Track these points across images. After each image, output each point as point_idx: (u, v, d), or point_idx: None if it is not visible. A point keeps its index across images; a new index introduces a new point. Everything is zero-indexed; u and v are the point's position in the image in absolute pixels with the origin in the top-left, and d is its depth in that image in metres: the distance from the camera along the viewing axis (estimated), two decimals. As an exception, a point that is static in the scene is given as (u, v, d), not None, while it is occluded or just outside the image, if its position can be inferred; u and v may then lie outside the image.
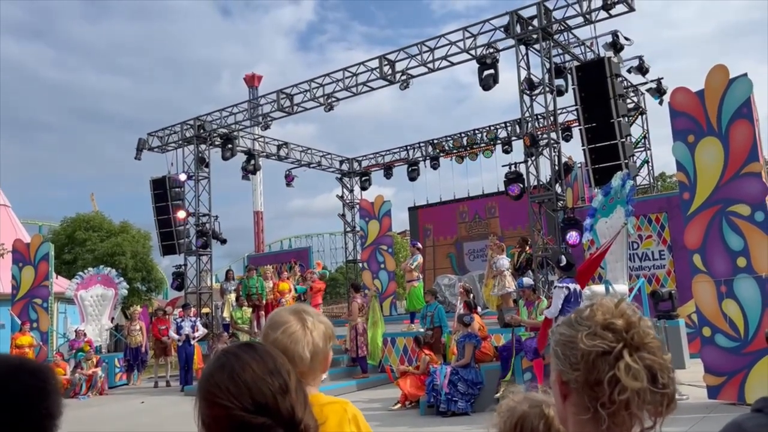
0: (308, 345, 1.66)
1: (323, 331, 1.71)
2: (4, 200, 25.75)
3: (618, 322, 1.07)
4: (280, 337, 1.65)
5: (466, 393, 8.81)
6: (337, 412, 1.71)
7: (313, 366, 1.68)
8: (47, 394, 1.01)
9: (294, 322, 1.68)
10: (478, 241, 21.38)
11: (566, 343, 1.10)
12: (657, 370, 1.04)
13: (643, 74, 16.03)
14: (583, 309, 1.14)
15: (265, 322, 1.76)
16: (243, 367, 1.19)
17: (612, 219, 9.86)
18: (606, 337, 1.05)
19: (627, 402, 1.02)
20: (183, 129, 19.25)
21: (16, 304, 16.56)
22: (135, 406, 12.00)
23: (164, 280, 33.13)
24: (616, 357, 1.03)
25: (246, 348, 1.26)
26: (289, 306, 1.82)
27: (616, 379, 1.02)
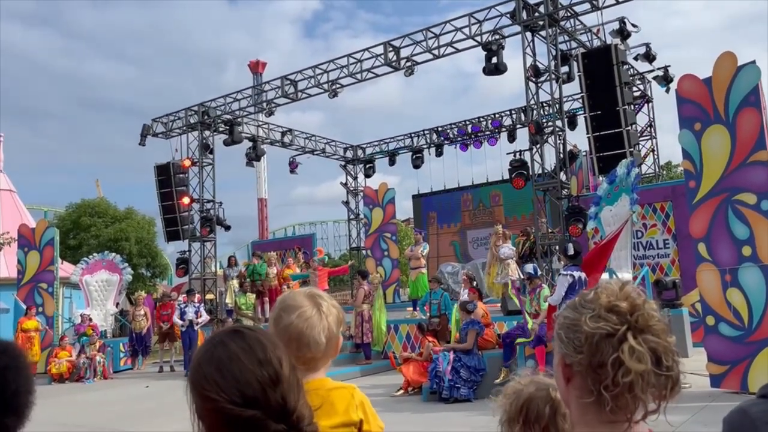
0: (324, 330, 1.63)
1: (336, 315, 1.69)
2: (9, 185, 25.81)
3: (622, 304, 1.06)
4: (296, 321, 1.62)
5: (469, 380, 8.84)
6: (345, 397, 1.70)
7: (326, 351, 1.65)
8: (18, 372, 1.01)
9: (309, 306, 1.65)
10: (482, 229, 21.38)
11: (570, 326, 1.09)
12: (661, 353, 1.03)
13: (650, 61, 15.90)
14: (587, 293, 1.13)
15: (276, 304, 1.73)
16: (230, 358, 1.15)
17: (617, 207, 9.83)
18: (610, 320, 1.05)
19: (631, 384, 1.01)
20: (187, 115, 19.22)
21: (21, 288, 16.64)
22: (139, 391, 12.08)
23: (169, 266, 33.22)
24: (620, 339, 1.03)
25: (234, 336, 1.20)
26: (302, 289, 1.78)
27: (619, 362, 1.01)
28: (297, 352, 1.60)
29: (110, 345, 15.31)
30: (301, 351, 1.61)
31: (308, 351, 1.62)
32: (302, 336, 1.61)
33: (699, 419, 6.30)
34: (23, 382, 1.01)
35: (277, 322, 1.65)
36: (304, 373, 1.62)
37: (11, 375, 0.99)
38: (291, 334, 1.61)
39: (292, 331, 1.62)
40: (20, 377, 1.01)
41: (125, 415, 9.73)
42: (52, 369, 14.12)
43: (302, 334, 1.61)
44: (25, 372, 1.03)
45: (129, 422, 9.00)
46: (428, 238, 22.98)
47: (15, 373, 1.00)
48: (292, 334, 1.61)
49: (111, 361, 14.88)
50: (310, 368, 1.65)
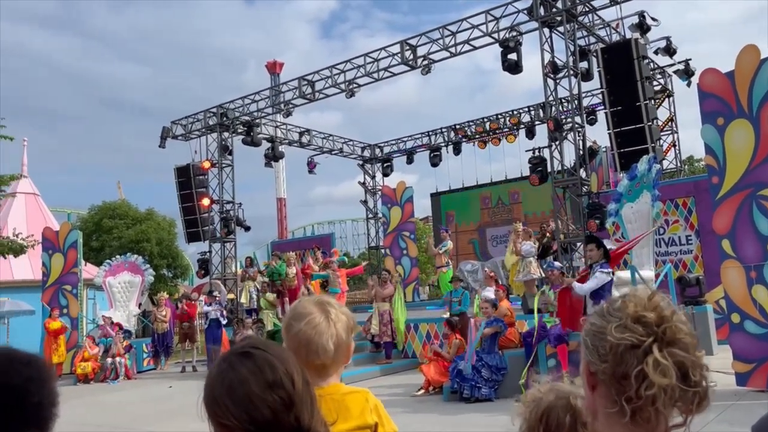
0: (332, 337, 1.65)
1: (345, 322, 1.70)
2: (33, 189, 26.26)
3: (649, 315, 1.04)
4: (305, 329, 1.64)
5: (490, 379, 8.80)
6: (359, 401, 1.71)
7: (336, 358, 1.67)
8: (42, 384, 1.02)
9: (317, 313, 1.67)
10: (501, 227, 21.27)
11: (596, 334, 1.07)
12: (689, 368, 1.01)
13: (671, 55, 15.68)
14: (615, 299, 1.11)
15: (288, 311, 1.76)
16: (240, 382, 1.14)
17: (638, 204, 9.72)
18: (636, 331, 1.03)
19: (653, 398, 0.99)
20: (206, 117, 19.38)
21: (46, 290, 16.91)
22: (162, 391, 12.22)
23: (190, 266, 33.55)
24: (645, 351, 1.01)
25: (243, 358, 1.19)
26: (312, 297, 1.80)
27: (643, 374, 0.99)
28: (307, 359, 1.62)
29: (134, 345, 15.51)
30: (310, 358, 1.63)
31: (317, 358, 1.64)
32: (311, 343, 1.63)
33: (725, 418, 6.21)
34: (47, 395, 1.02)
35: (288, 330, 1.69)
36: (316, 379, 1.63)
37: (35, 387, 1.00)
38: (300, 342, 1.64)
39: (301, 338, 1.64)
40: (44, 389, 1.02)
41: (146, 415, 9.84)
42: (77, 369, 14.34)
43: (311, 341, 1.63)
44: (49, 384, 1.03)
45: (149, 422, 9.11)
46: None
47: (39, 386, 1.01)
48: (301, 342, 1.64)
49: (134, 362, 15.06)
50: (321, 374, 1.67)
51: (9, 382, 0.97)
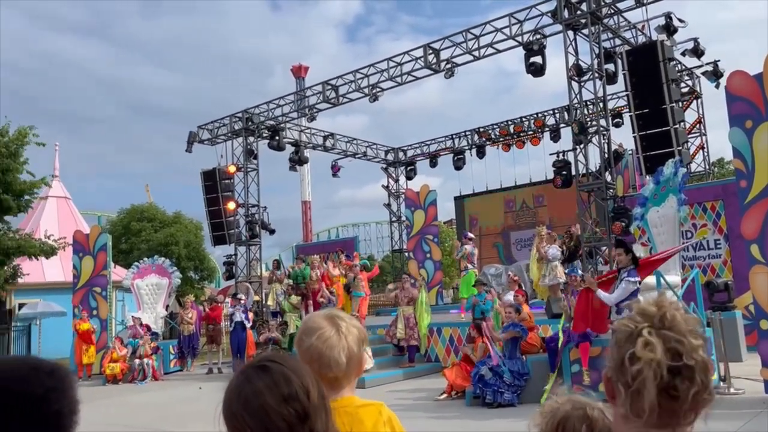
0: (344, 350, 1.67)
1: (356, 335, 1.72)
2: (65, 192, 26.84)
3: (651, 308, 1.09)
4: (315, 343, 1.66)
5: (513, 384, 8.76)
6: (372, 414, 1.72)
7: (348, 370, 1.69)
8: (63, 393, 1.06)
9: (328, 327, 1.69)
10: (525, 231, 21.13)
11: (616, 343, 1.12)
12: (682, 351, 1.04)
13: (698, 57, 15.46)
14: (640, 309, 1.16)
15: (301, 325, 1.78)
16: (256, 395, 1.18)
17: (664, 208, 9.60)
18: (635, 320, 1.09)
19: (644, 379, 1.02)
20: (232, 122, 19.64)
21: (77, 292, 17.27)
22: (188, 392, 12.39)
23: (216, 269, 33.96)
24: (638, 334, 1.06)
25: (260, 372, 1.23)
26: (322, 311, 1.83)
27: (634, 355, 1.04)
28: (319, 372, 1.64)
29: (161, 347, 15.74)
30: (322, 371, 1.65)
31: (329, 371, 1.66)
32: (322, 357, 1.65)
33: (753, 427, 6.10)
34: (67, 403, 1.06)
35: (300, 344, 1.71)
36: (329, 392, 1.65)
37: (55, 396, 1.04)
38: (312, 356, 1.66)
39: (312, 352, 1.66)
40: (64, 399, 1.06)
41: (174, 416, 10.00)
42: (106, 370, 14.61)
43: (322, 354, 1.65)
44: (69, 393, 1.08)
45: (177, 423, 9.25)
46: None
47: (59, 395, 1.05)
48: (313, 356, 1.66)
49: (161, 363, 15.30)
50: (335, 387, 1.69)
51: (32, 392, 1.02)
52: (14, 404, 0.99)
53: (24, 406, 1.00)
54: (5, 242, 16.56)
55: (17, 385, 1.02)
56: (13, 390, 1.01)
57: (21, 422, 0.99)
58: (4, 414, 0.98)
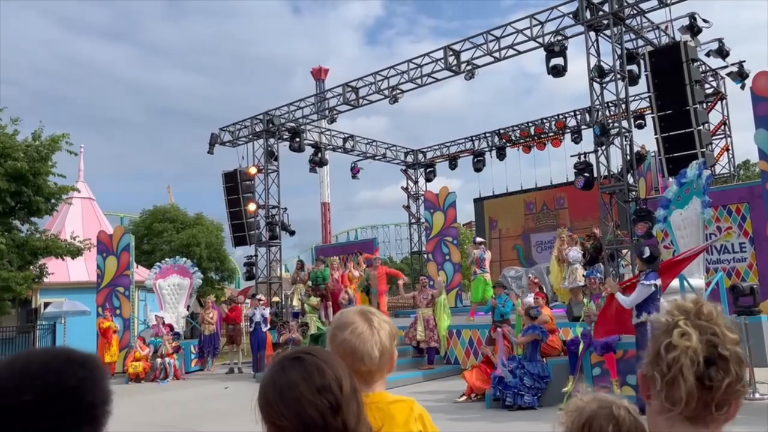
0: (377, 344, 1.69)
1: (389, 330, 1.74)
2: (89, 194, 27.25)
3: (688, 303, 1.12)
4: (349, 338, 1.68)
5: (533, 387, 8.71)
6: (403, 410, 1.73)
7: (381, 365, 1.71)
8: (95, 384, 1.07)
9: (361, 322, 1.71)
10: (546, 233, 20.99)
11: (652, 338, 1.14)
12: (717, 341, 1.06)
13: (723, 57, 15.26)
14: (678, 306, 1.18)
15: (332, 321, 1.80)
16: (290, 386, 1.20)
17: (687, 210, 9.48)
18: (672, 314, 1.11)
19: (681, 366, 1.04)
20: (253, 124, 19.80)
21: (100, 292, 17.53)
22: (210, 391, 12.51)
23: (236, 269, 34.21)
24: (674, 326, 1.09)
25: (294, 363, 1.25)
26: (354, 306, 1.85)
27: (670, 344, 1.07)
28: (352, 367, 1.65)
29: (182, 347, 15.91)
30: (356, 365, 1.67)
31: (362, 365, 1.68)
32: (355, 351, 1.67)
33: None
34: (99, 394, 1.07)
35: (333, 339, 1.73)
36: (362, 387, 1.68)
37: (88, 387, 1.05)
38: (345, 350, 1.68)
39: (345, 346, 1.68)
40: (96, 389, 1.07)
41: (196, 414, 10.11)
42: (128, 369, 14.81)
43: (355, 349, 1.67)
44: (101, 384, 1.09)
45: (199, 422, 9.35)
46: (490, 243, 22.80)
47: (92, 385, 1.06)
48: (346, 350, 1.68)
49: (183, 363, 15.46)
50: (367, 381, 1.71)
51: (65, 383, 1.03)
52: (48, 396, 1.00)
53: (58, 397, 1.01)
54: (33, 243, 16.89)
55: (51, 376, 1.02)
56: (47, 381, 1.02)
57: (55, 414, 1.00)
58: (39, 406, 0.99)
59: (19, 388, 1.00)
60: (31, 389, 1.00)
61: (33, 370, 1.03)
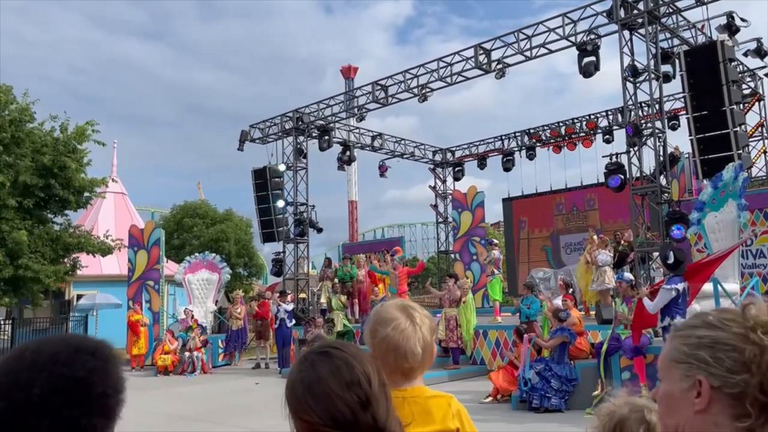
0: (420, 341, 1.66)
1: (429, 325, 1.71)
2: (122, 189, 27.78)
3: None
4: (392, 334, 1.65)
5: (560, 389, 8.61)
6: (441, 406, 1.71)
7: (423, 361, 1.68)
8: (106, 373, 1.03)
9: (403, 318, 1.67)
10: (575, 234, 20.72)
11: (716, 346, 1.01)
12: None
13: (762, 57, 14.89)
14: (723, 311, 1.06)
15: (371, 317, 1.77)
16: (319, 381, 1.19)
17: (722, 213, 9.28)
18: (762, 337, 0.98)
19: None
20: (282, 121, 19.94)
21: (131, 285, 17.86)
22: (237, 385, 12.64)
23: (264, 266, 34.51)
24: None
25: (323, 357, 1.24)
26: (393, 301, 1.81)
27: None
28: (395, 364, 1.64)
29: (210, 341, 16.12)
30: (398, 362, 1.64)
31: (405, 362, 1.65)
32: (399, 348, 1.64)
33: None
34: (111, 384, 1.04)
35: (374, 335, 1.68)
36: (402, 382, 1.66)
37: (98, 377, 1.02)
38: (388, 346, 1.64)
39: (389, 343, 1.64)
40: (108, 378, 1.04)
41: (224, 408, 10.23)
42: (158, 362, 15.06)
43: (398, 345, 1.64)
44: (113, 373, 1.05)
45: (227, 415, 9.46)
46: (518, 243, 22.60)
47: (103, 375, 1.03)
48: (389, 346, 1.64)
49: (210, 357, 15.66)
50: (408, 377, 1.68)
51: (74, 375, 0.99)
52: (57, 388, 0.98)
53: (67, 389, 0.98)
54: (65, 238, 17.23)
55: (59, 368, 0.99)
56: (55, 373, 0.99)
57: (66, 406, 0.97)
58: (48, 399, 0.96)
59: (28, 381, 0.97)
60: (40, 382, 0.97)
61: (41, 363, 1.00)
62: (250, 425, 8.47)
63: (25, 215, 16.06)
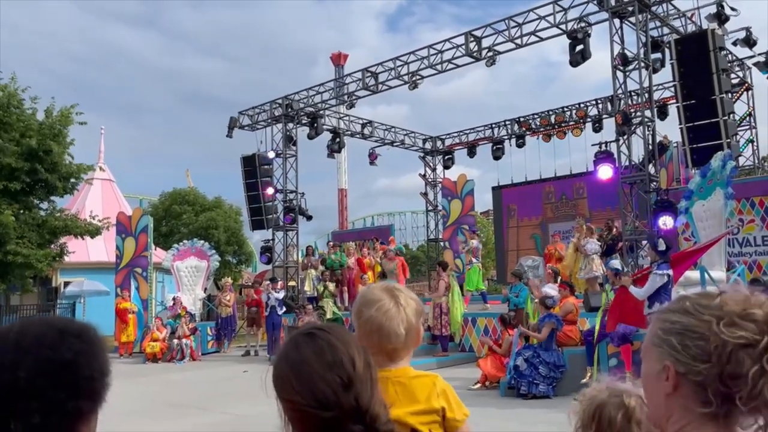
0: (403, 322, 1.67)
1: (414, 307, 1.72)
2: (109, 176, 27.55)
3: (758, 312, 0.98)
4: (375, 315, 1.67)
5: (548, 376, 8.68)
6: (426, 385, 1.72)
7: (407, 342, 1.70)
8: (93, 356, 1.02)
9: (387, 299, 1.69)
10: (564, 222, 20.82)
11: (685, 333, 1.01)
12: None
13: (751, 47, 14.94)
14: (702, 296, 1.05)
15: (357, 298, 1.79)
16: (302, 362, 1.21)
17: (710, 202, 9.34)
18: (747, 328, 0.97)
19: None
20: (272, 108, 19.80)
21: (119, 272, 17.76)
22: (226, 372, 12.64)
23: (254, 253, 34.47)
24: (762, 351, 0.95)
25: (307, 339, 1.25)
26: (379, 283, 1.82)
27: (761, 373, 0.95)
28: (379, 344, 1.66)
29: (199, 328, 16.09)
30: (382, 343, 1.67)
31: (389, 342, 1.67)
32: (382, 328, 1.66)
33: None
34: (98, 367, 1.03)
35: (359, 316, 1.71)
36: (386, 363, 1.68)
37: (85, 360, 1.01)
38: (372, 327, 1.67)
39: (372, 323, 1.67)
40: (95, 362, 1.03)
41: (213, 395, 10.23)
42: (146, 349, 15.01)
43: (382, 326, 1.66)
44: (99, 356, 1.04)
45: (216, 402, 9.46)
46: (507, 231, 22.68)
47: (89, 358, 1.02)
48: (373, 327, 1.67)
49: (199, 344, 15.64)
50: (393, 358, 1.70)
51: (60, 358, 0.98)
52: (43, 371, 0.96)
53: (53, 372, 0.97)
54: (52, 222, 17.09)
55: (45, 350, 0.98)
56: (41, 356, 0.97)
57: (51, 389, 0.96)
58: (33, 382, 0.95)
59: (14, 363, 0.96)
60: (26, 365, 0.96)
61: (26, 345, 0.98)
62: (240, 411, 8.48)
63: (11, 201, 15.90)
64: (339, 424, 1.16)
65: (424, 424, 1.66)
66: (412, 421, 1.64)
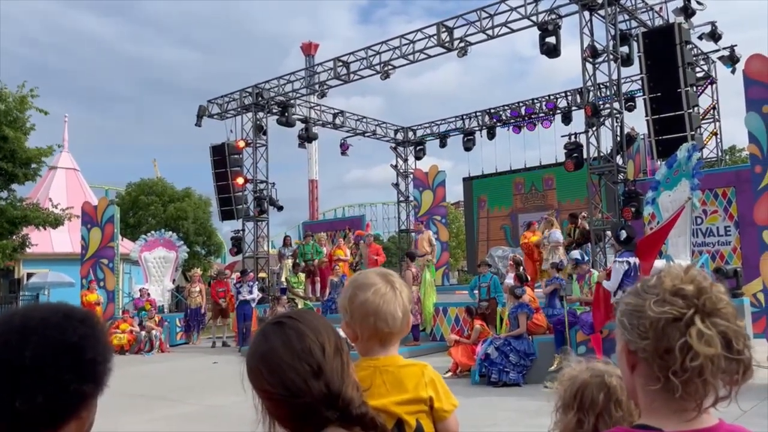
0: (400, 306, 1.66)
1: (408, 294, 1.72)
2: (74, 164, 26.93)
3: (688, 287, 1.03)
4: (372, 298, 1.64)
5: (518, 364, 8.79)
6: (414, 374, 1.69)
7: (401, 327, 1.68)
8: (96, 340, 1.05)
9: (382, 284, 1.67)
10: (533, 213, 21.05)
11: (633, 312, 1.06)
12: (731, 337, 1.00)
13: (716, 41, 15.24)
14: (649, 278, 1.10)
15: (348, 284, 1.75)
16: (271, 352, 1.21)
17: (676, 192, 9.51)
18: (676, 303, 1.02)
19: (701, 369, 0.99)
20: (242, 97, 19.54)
21: (84, 263, 17.39)
22: (196, 364, 12.51)
23: (223, 244, 34.11)
24: (687, 323, 1.00)
25: (275, 328, 1.26)
26: (372, 269, 1.80)
27: (687, 346, 0.99)
28: (375, 328, 1.64)
29: (167, 320, 15.88)
30: (379, 326, 1.64)
31: (386, 326, 1.64)
32: (379, 311, 1.63)
33: (759, 411, 6.09)
34: (101, 351, 1.05)
35: (353, 300, 1.67)
36: (378, 349, 1.67)
37: (89, 343, 1.03)
38: (368, 310, 1.64)
39: (368, 307, 1.64)
40: (98, 346, 1.05)
41: (182, 386, 10.11)
42: (113, 341, 14.75)
43: (379, 309, 1.63)
44: (102, 340, 1.07)
45: (185, 393, 9.35)
46: (478, 222, 22.85)
47: (93, 342, 1.04)
48: (369, 310, 1.64)
49: (168, 335, 15.44)
50: (385, 344, 1.68)
51: (67, 340, 1.00)
52: (50, 352, 0.98)
53: (60, 353, 0.99)
54: (11, 211, 16.52)
55: (51, 332, 1.00)
56: (48, 337, 0.99)
57: (57, 370, 0.98)
58: (40, 362, 0.97)
59: (20, 344, 0.97)
60: (31, 345, 0.97)
61: (31, 327, 1.00)
62: (211, 402, 8.40)
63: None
64: (312, 411, 1.17)
65: (410, 413, 1.64)
66: (398, 410, 1.61)
